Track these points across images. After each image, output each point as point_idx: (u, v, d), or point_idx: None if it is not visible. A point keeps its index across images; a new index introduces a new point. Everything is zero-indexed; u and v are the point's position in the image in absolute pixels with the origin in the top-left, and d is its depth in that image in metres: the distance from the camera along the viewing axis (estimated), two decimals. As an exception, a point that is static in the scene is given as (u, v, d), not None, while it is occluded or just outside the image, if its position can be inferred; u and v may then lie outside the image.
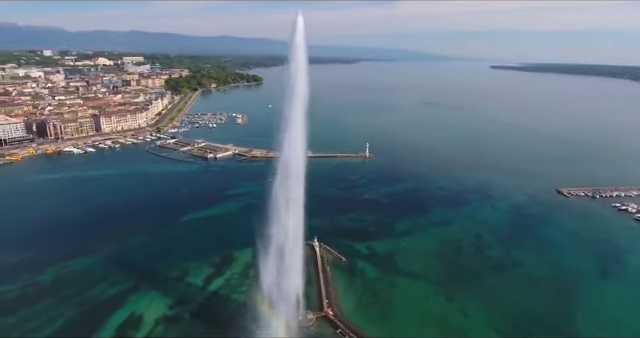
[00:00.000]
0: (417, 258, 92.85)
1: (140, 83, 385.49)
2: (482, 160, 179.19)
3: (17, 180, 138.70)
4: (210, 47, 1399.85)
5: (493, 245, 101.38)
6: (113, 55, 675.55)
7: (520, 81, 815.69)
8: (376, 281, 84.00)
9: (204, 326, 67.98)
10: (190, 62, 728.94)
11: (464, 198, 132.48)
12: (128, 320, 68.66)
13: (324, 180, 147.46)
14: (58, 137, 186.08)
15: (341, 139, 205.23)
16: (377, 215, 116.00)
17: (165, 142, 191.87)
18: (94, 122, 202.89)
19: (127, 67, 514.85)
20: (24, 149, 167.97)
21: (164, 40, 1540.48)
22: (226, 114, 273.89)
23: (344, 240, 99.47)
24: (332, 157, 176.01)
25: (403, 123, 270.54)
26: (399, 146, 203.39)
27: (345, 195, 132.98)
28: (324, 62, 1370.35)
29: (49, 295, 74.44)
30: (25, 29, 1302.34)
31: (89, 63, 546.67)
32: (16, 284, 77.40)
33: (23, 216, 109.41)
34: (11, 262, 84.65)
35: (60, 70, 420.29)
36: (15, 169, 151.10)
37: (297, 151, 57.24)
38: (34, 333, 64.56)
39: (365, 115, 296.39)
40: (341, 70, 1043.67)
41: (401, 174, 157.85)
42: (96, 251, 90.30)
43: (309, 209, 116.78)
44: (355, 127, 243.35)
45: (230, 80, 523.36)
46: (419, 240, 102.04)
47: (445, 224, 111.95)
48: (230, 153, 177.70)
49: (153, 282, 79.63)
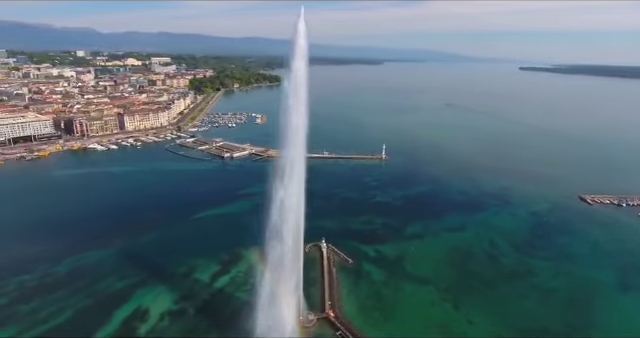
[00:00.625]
0: (426, 263, 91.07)
1: (165, 83, 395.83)
2: (504, 164, 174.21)
3: (43, 175, 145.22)
4: (236, 48, 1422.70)
5: (507, 253, 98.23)
6: (142, 56, 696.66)
7: (549, 83, 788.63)
8: (381, 284, 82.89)
9: (207, 322, 68.92)
10: (215, 62, 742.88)
11: (481, 203, 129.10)
12: (134, 313, 70.43)
13: (337, 181, 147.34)
14: (84, 134, 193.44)
15: (358, 140, 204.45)
16: (388, 218, 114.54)
17: (184, 141, 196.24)
18: (118, 120, 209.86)
19: (154, 67, 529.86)
20: (52, 145, 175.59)
21: (191, 41, 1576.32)
22: (246, 114, 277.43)
23: (352, 242, 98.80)
24: (347, 158, 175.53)
25: (423, 125, 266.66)
26: (417, 148, 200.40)
27: (357, 197, 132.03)
28: (347, 63, 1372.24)
29: (63, 286, 77.33)
30: (61, 31, 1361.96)
31: (119, 63, 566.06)
32: (35, 274, 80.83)
33: (46, 209, 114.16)
34: (32, 253, 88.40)
35: (91, 70, 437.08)
36: (42, 164, 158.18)
37: (297, 153, 56.74)
38: (43, 323, 67.07)
39: (385, 116, 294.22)
40: (364, 71, 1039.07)
41: (417, 177, 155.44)
42: (109, 245, 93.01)
43: (319, 210, 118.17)
44: (373, 128, 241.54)
45: (252, 80, 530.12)
46: (429, 245, 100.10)
47: (458, 229, 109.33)
48: (247, 153, 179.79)
49: (161, 277, 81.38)
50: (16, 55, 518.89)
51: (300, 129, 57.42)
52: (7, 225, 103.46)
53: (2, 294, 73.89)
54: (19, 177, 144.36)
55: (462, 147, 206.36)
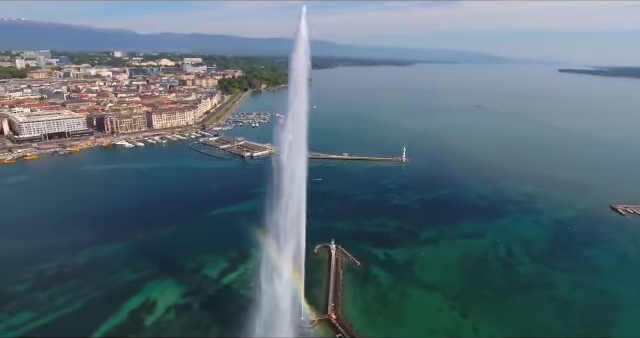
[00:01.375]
0: (436, 269, 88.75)
1: (195, 83, 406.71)
2: (530, 168, 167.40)
3: (72, 169, 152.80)
4: (265, 48, 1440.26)
5: (524, 262, 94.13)
6: (175, 56, 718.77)
7: (587, 85, 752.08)
8: (388, 289, 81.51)
9: (210, 317, 70.07)
10: (245, 63, 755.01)
11: (503, 210, 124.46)
12: (142, 305, 72.57)
13: (354, 183, 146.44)
14: (114, 131, 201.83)
15: (380, 142, 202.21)
16: (402, 222, 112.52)
17: (207, 139, 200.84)
18: (146, 118, 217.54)
19: (186, 68, 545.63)
20: (83, 141, 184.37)
21: (223, 42, 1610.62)
22: (270, 114, 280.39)
23: (363, 245, 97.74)
24: (367, 160, 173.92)
25: (449, 127, 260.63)
26: (440, 150, 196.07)
27: (373, 199, 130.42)
28: (375, 64, 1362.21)
29: (79, 275, 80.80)
30: (101, 32, 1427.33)
31: (153, 64, 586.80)
32: (54, 263, 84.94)
33: (71, 202, 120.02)
34: (54, 242, 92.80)
35: (126, 70, 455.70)
36: (73, 159, 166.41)
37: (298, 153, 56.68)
38: (57, 310, 70.30)
39: (410, 118, 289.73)
40: (393, 72, 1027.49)
41: (437, 180, 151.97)
42: (127, 238, 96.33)
43: (333, 211, 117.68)
44: (397, 130, 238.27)
45: (280, 81, 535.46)
46: (442, 250, 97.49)
47: (475, 236, 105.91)
48: (267, 152, 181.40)
49: (171, 271, 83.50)
50: (59, 55, 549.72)
51: (301, 132, 57.25)
52: (34, 216, 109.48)
53: (23, 281, 78.06)
54: (51, 171, 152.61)
55: (488, 150, 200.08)
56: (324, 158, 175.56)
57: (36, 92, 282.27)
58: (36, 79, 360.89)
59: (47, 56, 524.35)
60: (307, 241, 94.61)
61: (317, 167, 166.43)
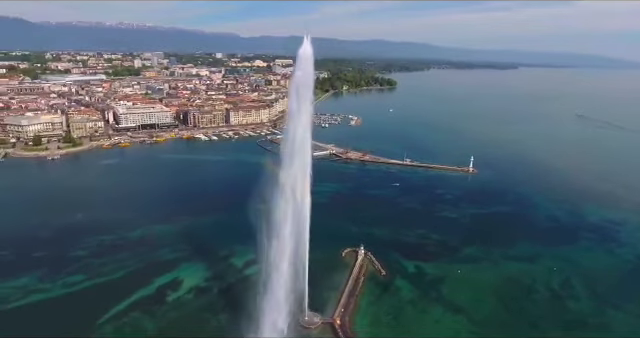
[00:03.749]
0: (468, 290, 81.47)
1: (280, 83, 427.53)
2: (625, 193, 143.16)
3: (152, 156, 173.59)
4: (361, 51, 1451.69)
5: (580, 297, 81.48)
6: (269, 58, 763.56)
7: None
8: (407, 303, 77.30)
9: (223, 302, 74.20)
10: (333, 65, 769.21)
11: (572, 234, 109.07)
12: (170, 282, 79.71)
13: (408, 190, 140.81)
14: (195, 125, 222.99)
15: (450, 150, 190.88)
16: (447, 235, 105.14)
17: (275, 137, 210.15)
18: (225, 115, 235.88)
19: (276, 69, 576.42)
20: (168, 133, 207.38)
21: (318, 44, 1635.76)
22: (342, 115, 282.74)
23: (395, 254, 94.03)
24: (429, 168, 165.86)
25: (536, 137, 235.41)
26: (518, 164, 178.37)
27: (421, 208, 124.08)
28: (474, 67, 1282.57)
29: (128, 249, 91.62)
30: (210, 36, 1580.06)
31: (247, 64, 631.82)
32: (113, 235, 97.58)
33: (142, 183, 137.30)
34: (119, 218, 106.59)
35: (222, 70, 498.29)
36: (157, 148, 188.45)
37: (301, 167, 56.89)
38: (103, 276, 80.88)
39: (493, 126, 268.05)
40: (491, 76, 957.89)
41: (502, 195, 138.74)
42: (177, 221, 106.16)
43: (375, 216, 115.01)
44: (473, 138, 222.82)
45: (363, 83, 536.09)
46: (482, 271, 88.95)
47: (528, 260, 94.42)
48: (327, 152, 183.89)
49: (204, 255, 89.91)
50: (170, 56, 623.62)
51: (305, 139, 57.65)
52: (111, 193, 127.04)
53: (85, 248, 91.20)
54: (136, 156, 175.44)
55: (575, 167, 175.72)
56: (383, 162, 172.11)
57: (143, 88, 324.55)
58: (147, 77, 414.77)
59: (160, 57, 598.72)
60: (336, 244, 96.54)
61: (374, 171, 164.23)
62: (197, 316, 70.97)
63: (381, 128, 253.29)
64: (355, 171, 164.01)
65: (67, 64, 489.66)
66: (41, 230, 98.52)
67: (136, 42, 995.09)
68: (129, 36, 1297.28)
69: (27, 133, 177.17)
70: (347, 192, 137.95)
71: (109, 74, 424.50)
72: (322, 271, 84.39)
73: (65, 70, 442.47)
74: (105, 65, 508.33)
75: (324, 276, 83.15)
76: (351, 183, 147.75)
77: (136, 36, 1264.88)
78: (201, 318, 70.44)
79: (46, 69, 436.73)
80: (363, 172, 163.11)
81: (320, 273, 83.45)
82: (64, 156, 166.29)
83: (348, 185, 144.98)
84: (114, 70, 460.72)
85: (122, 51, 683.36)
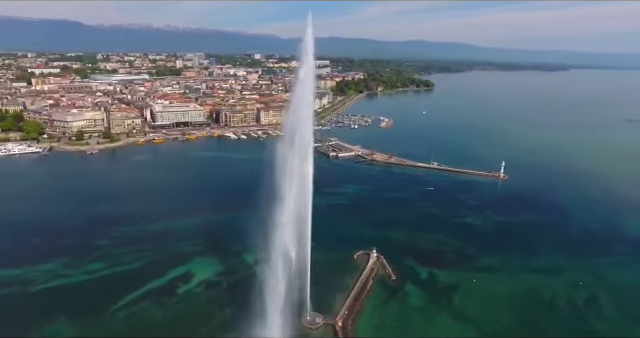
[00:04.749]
0: (482, 300, 78.06)
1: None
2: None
3: (183, 153, 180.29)
4: (401, 51, 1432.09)
5: (608, 316, 75.72)
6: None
7: None
8: (414, 310, 75.26)
9: (230, 297, 75.23)
10: (370, 66, 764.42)
11: (607, 249, 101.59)
12: (182, 275, 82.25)
13: (431, 194, 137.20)
14: (227, 124, 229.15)
15: (481, 155, 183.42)
16: (466, 242, 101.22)
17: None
18: (256, 114, 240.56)
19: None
20: (200, 131, 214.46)
21: (357, 45, 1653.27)
22: (374, 117, 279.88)
23: (408, 259, 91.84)
24: (456, 172, 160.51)
25: (579, 143, 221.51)
26: (555, 170, 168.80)
27: (443, 214, 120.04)
28: (519, 68, 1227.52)
29: (148, 240, 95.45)
30: (250, 37, 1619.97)
31: (284, 65, 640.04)
32: (135, 227, 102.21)
33: (170, 178, 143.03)
34: (143, 210, 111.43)
35: (259, 70, 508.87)
36: (188, 145, 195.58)
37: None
38: (121, 265, 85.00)
39: (533, 130, 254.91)
40: (538, 78, 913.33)
41: (534, 203, 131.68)
42: (197, 216, 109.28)
43: (393, 220, 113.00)
44: (510, 142, 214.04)
45: (399, 85, 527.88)
46: (499, 282, 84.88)
47: (552, 273, 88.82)
48: (353, 154, 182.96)
49: (218, 250, 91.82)
50: (210, 57, 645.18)
51: (306, 133, 57.95)
52: (140, 186, 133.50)
53: (107, 238, 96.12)
54: (167, 153, 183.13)
55: (619, 176, 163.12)
56: (409, 165, 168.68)
57: (182, 87, 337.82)
58: (187, 77, 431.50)
59: (201, 58, 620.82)
60: (349, 245, 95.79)
61: (398, 174, 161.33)
62: (204, 309, 72.73)
63: (412, 130, 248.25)
64: (379, 173, 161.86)
65: (115, 64, 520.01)
66: (71, 219, 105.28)
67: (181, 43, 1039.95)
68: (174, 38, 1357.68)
69: (72, 129, 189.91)
70: (367, 194, 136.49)
71: (152, 74, 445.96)
72: (331, 272, 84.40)
73: (112, 70, 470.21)
74: (149, 65, 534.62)
75: (332, 277, 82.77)
76: (373, 185, 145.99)
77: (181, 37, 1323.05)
78: (207, 311, 72.13)
79: (95, 69, 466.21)
80: (387, 174, 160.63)
81: (329, 274, 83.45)
82: (102, 151, 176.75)
83: (369, 187, 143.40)
84: (157, 70, 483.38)
85: (167, 52, 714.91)
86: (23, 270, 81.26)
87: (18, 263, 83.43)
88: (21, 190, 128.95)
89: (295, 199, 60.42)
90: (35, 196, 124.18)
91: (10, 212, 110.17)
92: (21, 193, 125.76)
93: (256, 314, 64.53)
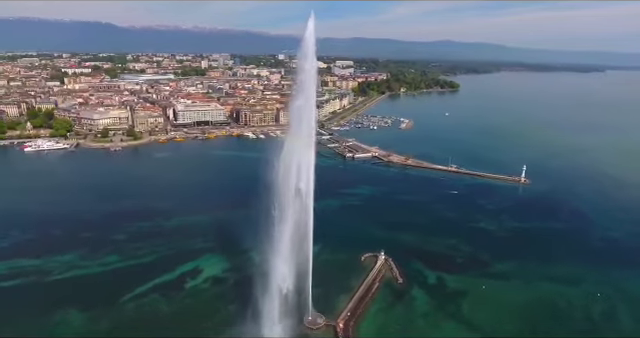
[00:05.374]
0: (491, 308, 76.05)
1: (336, 84, 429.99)
2: None
3: (201, 151, 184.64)
4: (427, 52, 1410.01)
5: (625, 330, 72.29)
6: (329, 59, 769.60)
7: None
8: (419, 315, 74.15)
9: (235, 293, 76.15)
10: (394, 66, 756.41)
11: (630, 259, 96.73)
12: (191, 271, 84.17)
13: (447, 198, 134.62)
14: (246, 123, 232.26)
15: (502, 159, 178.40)
16: (479, 248, 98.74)
17: (320, 137, 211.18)
18: (275, 114, 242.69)
19: (334, 70, 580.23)
20: (220, 130, 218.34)
21: (382, 45, 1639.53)
22: (394, 118, 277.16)
23: (417, 262, 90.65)
24: (475, 175, 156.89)
25: (610, 148, 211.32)
26: (581, 176, 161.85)
27: (458, 218, 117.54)
28: (551, 69, 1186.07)
29: (162, 236, 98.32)
30: (274, 37, 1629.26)
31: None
32: (151, 222, 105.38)
33: (187, 175, 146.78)
34: (158, 208, 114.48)
35: (282, 71, 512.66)
36: (207, 143, 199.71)
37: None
38: (134, 258, 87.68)
39: (561, 134, 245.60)
40: (570, 79, 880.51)
41: (556, 209, 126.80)
42: (210, 213, 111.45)
43: (405, 223, 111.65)
44: (536, 146, 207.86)
45: (423, 85, 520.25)
46: (511, 289, 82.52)
47: (568, 282, 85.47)
48: (369, 155, 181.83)
49: (226, 247, 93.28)
50: (235, 58, 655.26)
51: (310, 128, 58.22)
52: (159, 183, 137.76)
53: (124, 232, 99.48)
54: (187, 151, 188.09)
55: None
56: (426, 167, 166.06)
57: (205, 87, 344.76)
58: (211, 77, 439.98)
59: (226, 58, 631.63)
60: (358, 247, 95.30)
61: (414, 176, 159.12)
62: (209, 305, 74.07)
63: (432, 132, 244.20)
64: (395, 175, 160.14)
65: (143, 65, 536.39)
66: (91, 213, 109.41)
67: (207, 44, 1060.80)
68: (201, 38, 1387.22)
69: (98, 126, 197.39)
70: (381, 196, 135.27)
71: (177, 74, 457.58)
72: (337, 273, 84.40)
73: (141, 70, 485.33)
74: (176, 65, 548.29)
75: (338, 278, 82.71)
76: (388, 187, 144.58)
77: (208, 38, 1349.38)
78: (212, 307, 73.37)
79: (125, 69, 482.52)
80: (403, 176, 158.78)
81: (334, 275, 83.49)
82: (125, 148, 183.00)
83: (384, 189, 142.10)
84: (182, 70, 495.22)
85: (194, 52, 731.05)
86: (42, 260, 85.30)
87: (39, 254, 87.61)
88: (47, 184, 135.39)
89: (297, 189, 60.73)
90: (60, 190, 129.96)
91: (36, 205, 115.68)
92: (47, 187, 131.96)
93: (258, 312, 65.16)
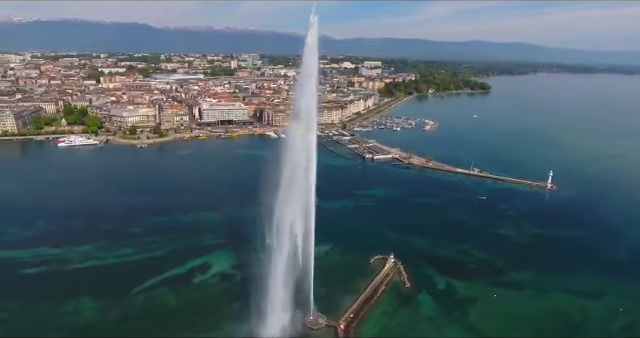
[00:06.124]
0: (500, 318, 73.48)
1: (362, 85, 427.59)
2: None
3: (223, 149, 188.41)
4: (459, 52, 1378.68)
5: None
6: (358, 59, 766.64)
7: None
8: (424, 321, 72.54)
9: (240, 289, 76.26)
10: (424, 67, 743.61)
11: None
12: (200, 266, 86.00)
13: (464, 202, 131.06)
14: (269, 123, 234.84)
15: (531, 162, 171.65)
16: (494, 254, 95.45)
17: (341, 138, 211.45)
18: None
19: (362, 70, 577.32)
20: (242, 129, 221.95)
21: (413, 46, 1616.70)
22: (418, 119, 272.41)
23: (428, 267, 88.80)
24: (497, 180, 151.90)
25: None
26: (613, 183, 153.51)
27: (474, 223, 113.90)
28: (593, 71, 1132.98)
29: (176, 231, 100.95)
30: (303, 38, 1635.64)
31: (335, 66, 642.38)
32: (167, 217, 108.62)
33: (207, 172, 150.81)
34: (175, 203, 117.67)
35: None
36: (229, 142, 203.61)
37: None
38: (148, 252, 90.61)
39: (596, 139, 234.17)
40: (613, 81, 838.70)
41: (582, 218, 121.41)
42: (224, 210, 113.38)
43: (418, 226, 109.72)
44: (567, 151, 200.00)
45: (452, 87, 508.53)
46: (524, 299, 79.33)
47: (588, 295, 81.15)
48: (389, 156, 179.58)
49: (237, 244, 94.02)
50: (264, 58, 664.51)
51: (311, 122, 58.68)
52: (180, 179, 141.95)
53: (140, 226, 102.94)
54: (209, 149, 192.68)
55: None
56: (447, 170, 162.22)
57: (232, 87, 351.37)
58: (239, 77, 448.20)
59: (255, 58, 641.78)
60: (368, 249, 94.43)
61: (433, 178, 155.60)
62: (214, 300, 75.39)
63: (457, 134, 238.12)
64: (413, 177, 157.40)
65: (175, 64, 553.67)
66: (111, 207, 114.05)
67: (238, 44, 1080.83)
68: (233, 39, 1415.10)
69: (126, 123, 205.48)
70: (397, 198, 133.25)
71: (207, 74, 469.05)
72: (344, 274, 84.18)
73: (172, 70, 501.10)
74: (206, 65, 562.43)
75: (344, 279, 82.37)
76: (405, 189, 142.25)
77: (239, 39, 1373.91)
78: (217, 302, 74.64)
79: (157, 69, 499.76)
80: (422, 179, 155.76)
81: (341, 276, 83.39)
82: (150, 145, 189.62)
83: (400, 191, 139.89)
84: (212, 70, 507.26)
85: (225, 53, 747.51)
86: (62, 250, 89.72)
87: (60, 243, 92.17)
88: (76, 178, 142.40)
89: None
90: (85, 184, 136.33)
91: (63, 197, 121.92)
92: (74, 181, 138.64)
93: (260, 310, 65.84)
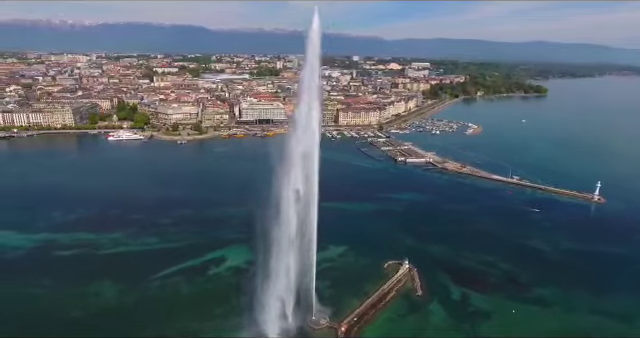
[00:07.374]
0: (515, 334, 69.21)
1: (406, 86, 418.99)
2: None
3: (257, 147, 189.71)
4: (516, 54, 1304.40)
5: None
6: (406, 60, 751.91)
7: None
8: (431, 330, 70.34)
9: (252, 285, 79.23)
10: (476, 68, 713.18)
11: None
12: (216, 259, 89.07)
13: (498, 211, 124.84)
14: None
15: (580, 173, 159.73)
16: (521, 268, 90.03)
17: (375, 140, 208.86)
18: (335, 115, 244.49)
19: (408, 72, 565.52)
20: (278, 128, 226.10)
21: (468, 46, 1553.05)
22: (461, 123, 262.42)
23: (444, 275, 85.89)
24: (538, 188, 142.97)
25: None
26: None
27: (503, 233, 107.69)
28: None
29: (201, 224, 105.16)
30: (355, 39, 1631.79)
31: (381, 67, 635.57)
32: (194, 210, 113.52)
33: (238, 170, 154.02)
34: (204, 197, 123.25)
35: (353, 72, 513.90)
36: (265, 141, 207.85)
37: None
38: (168, 242, 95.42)
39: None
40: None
41: (628, 234, 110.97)
42: (250, 206, 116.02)
43: (441, 232, 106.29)
44: (623, 162, 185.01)
45: (503, 89, 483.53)
46: (547, 317, 74.26)
47: (621, 317, 74.53)
48: (423, 160, 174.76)
49: (255, 240, 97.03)
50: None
51: (314, 122, 58.96)
52: (209, 175, 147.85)
53: (169, 217, 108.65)
54: (244, 147, 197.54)
55: None
56: (483, 177, 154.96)
57: (275, 87, 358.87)
58: (284, 77, 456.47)
59: (301, 59, 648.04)
60: (384, 253, 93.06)
61: (466, 185, 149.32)
62: (224, 292, 77.48)
63: (501, 139, 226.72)
64: (445, 183, 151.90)
65: (224, 65, 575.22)
66: (145, 198, 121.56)
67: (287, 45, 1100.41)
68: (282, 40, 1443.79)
69: (170, 120, 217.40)
70: (425, 203, 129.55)
71: (253, 74, 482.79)
72: (355, 277, 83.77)
73: (220, 70, 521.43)
74: (253, 66, 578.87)
75: (354, 282, 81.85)
76: (434, 195, 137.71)
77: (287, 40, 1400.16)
78: (226, 294, 76.70)
79: (207, 69, 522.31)
80: (454, 185, 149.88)
81: (352, 279, 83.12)
82: (190, 141, 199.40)
83: (429, 197, 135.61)
84: (258, 70, 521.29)
85: (273, 53, 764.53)
86: (96, 235, 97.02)
87: (95, 229, 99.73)
88: (118, 169, 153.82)
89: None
90: (127, 175, 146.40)
91: (105, 187, 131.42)
92: (117, 172, 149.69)
93: (263, 307, 67.20)
